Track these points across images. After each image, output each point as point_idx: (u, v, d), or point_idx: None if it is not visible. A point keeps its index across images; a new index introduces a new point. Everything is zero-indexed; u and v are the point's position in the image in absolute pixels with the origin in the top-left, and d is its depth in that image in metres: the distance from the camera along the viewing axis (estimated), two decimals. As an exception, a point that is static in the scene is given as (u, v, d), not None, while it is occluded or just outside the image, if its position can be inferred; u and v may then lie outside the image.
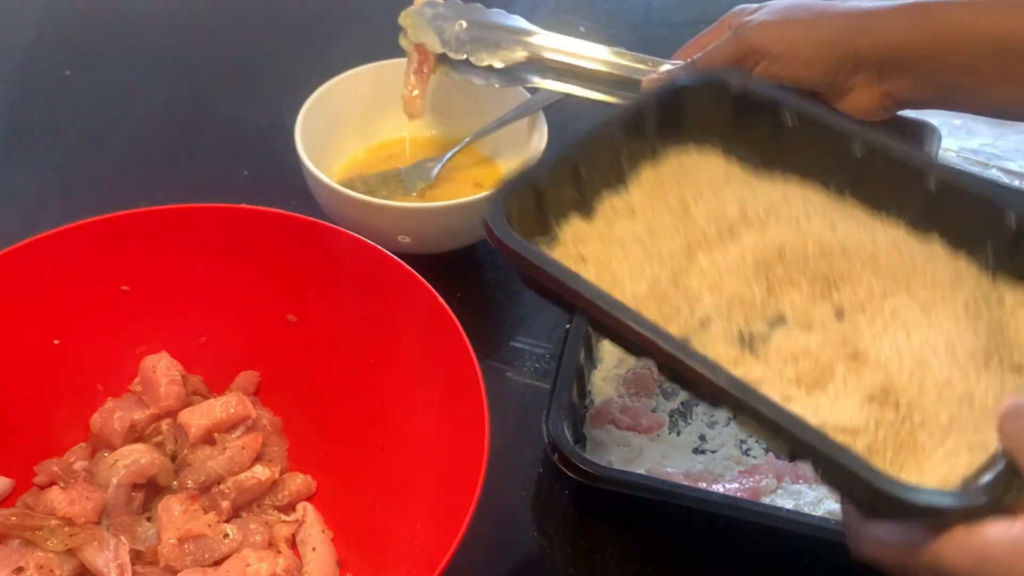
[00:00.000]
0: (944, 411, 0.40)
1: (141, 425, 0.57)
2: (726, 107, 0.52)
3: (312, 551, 0.54)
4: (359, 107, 0.79)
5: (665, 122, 0.52)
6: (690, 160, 0.53)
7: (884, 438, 0.39)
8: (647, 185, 0.51)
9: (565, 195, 0.49)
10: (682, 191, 0.51)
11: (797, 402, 0.41)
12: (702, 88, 0.53)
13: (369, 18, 1.07)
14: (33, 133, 0.88)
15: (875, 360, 0.42)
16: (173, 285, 0.60)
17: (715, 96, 0.52)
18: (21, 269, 0.55)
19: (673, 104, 0.52)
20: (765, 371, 0.43)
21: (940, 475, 0.38)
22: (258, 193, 0.71)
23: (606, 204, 0.50)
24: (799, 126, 0.51)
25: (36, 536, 0.51)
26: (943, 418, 0.40)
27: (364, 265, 0.57)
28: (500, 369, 0.68)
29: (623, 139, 0.51)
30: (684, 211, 0.50)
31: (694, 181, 0.51)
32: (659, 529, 0.59)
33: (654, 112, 0.52)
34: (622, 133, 0.51)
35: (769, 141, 0.51)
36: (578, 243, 0.49)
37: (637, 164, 0.52)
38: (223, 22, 1.05)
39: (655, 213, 0.50)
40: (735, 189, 0.51)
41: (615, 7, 1.14)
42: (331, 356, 0.60)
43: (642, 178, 0.52)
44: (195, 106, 0.92)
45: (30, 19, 1.02)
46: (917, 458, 0.39)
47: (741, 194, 0.50)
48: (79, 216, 0.57)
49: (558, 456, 0.56)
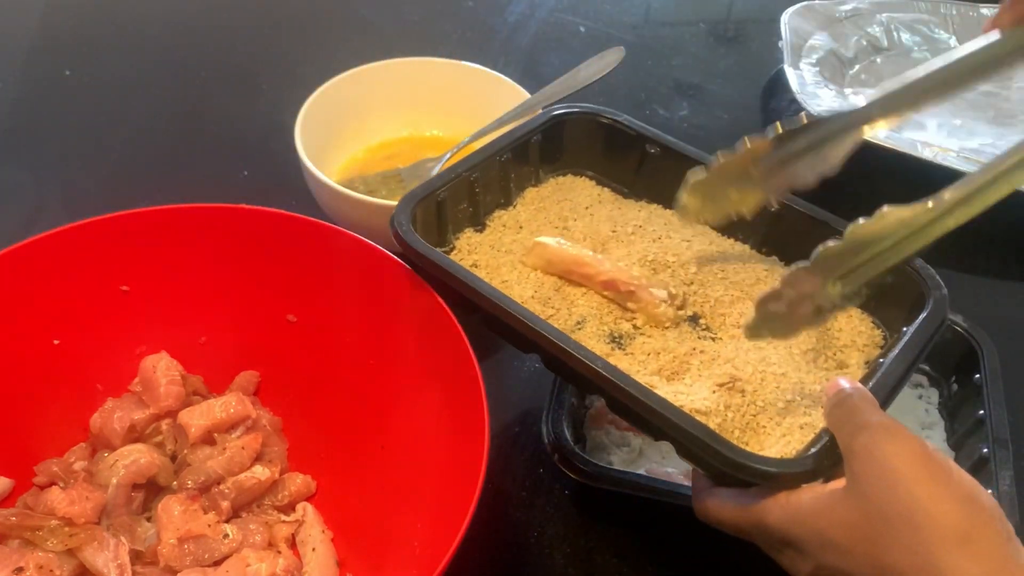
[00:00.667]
0: (780, 398, 0.48)
1: (141, 425, 0.57)
2: (599, 137, 0.61)
3: (312, 551, 0.54)
4: (359, 107, 0.79)
5: (547, 150, 0.61)
6: (568, 183, 0.62)
7: (733, 419, 0.47)
8: (532, 204, 0.60)
9: (461, 210, 0.58)
10: (562, 210, 0.60)
11: (660, 389, 0.48)
12: (578, 119, 0.61)
13: (369, 18, 1.07)
14: (33, 133, 0.88)
15: (724, 356, 0.50)
16: (173, 285, 0.60)
17: (589, 127, 0.61)
18: (21, 269, 0.55)
19: (554, 134, 0.60)
20: (631, 363, 0.51)
21: (777, 450, 0.46)
22: (258, 193, 0.71)
23: (496, 220, 0.59)
24: (660, 154, 0.59)
25: (36, 536, 0.51)
26: (780, 404, 0.48)
27: (364, 265, 0.57)
28: (500, 369, 0.68)
29: (512, 164, 0.59)
30: (564, 226, 0.59)
31: (572, 202, 0.60)
32: (659, 529, 0.59)
33: (538, 141, 0.60)
34: (511, 159, 0.59)
35: (635, 170, 0.60)
36: (472, 251, 0.58)
37: (523, 188, 0.61)
38: (223, 22, 1.05)
39: (539, 228, 0.58)
40: (607, 210, 0.60)
41: (615, 7, 1.14)
42: (331, 356, 0.60)
43: (527, 198, 0.61)
44: (195, 106, 0.93)
45: (30, 19, 1.02)
46: (759, 436, 0.47)
47: (611, 214, 0.59)
48: (79, 216, 0.57)
49: (558, 456, 0.56)
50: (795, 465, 0.43)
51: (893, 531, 0.37)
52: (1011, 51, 0.45)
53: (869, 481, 0.38)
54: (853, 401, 0.42)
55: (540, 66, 1.01)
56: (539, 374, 0.68)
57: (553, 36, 1.07)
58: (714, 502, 0.46)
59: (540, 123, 0.59)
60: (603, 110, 0.61)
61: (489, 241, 0.58)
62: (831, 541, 0.39)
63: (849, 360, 0.52)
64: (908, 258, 0.46)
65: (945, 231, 0.45)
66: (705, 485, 0.47)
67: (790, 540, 0.41)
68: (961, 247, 0.79)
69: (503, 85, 0.79)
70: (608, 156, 0.61)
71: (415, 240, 0.52)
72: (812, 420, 0.47)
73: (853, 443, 0.40)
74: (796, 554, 0.42)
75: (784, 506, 0.42)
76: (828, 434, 0.43)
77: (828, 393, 0.44)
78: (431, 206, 0.55)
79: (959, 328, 0.65)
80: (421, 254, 0.51)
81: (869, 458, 0.39)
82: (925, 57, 1.03)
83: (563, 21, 1.10)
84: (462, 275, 0.50)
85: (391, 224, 0.53)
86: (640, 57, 1.05)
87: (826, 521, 0.40)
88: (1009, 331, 0.70)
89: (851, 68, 1.00)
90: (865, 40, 1.03)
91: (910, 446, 0.39)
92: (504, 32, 1.07)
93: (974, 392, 0.62)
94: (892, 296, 0.54)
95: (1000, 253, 0.83)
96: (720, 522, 0.46)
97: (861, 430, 0.40)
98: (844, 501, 0.39)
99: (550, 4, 1.12)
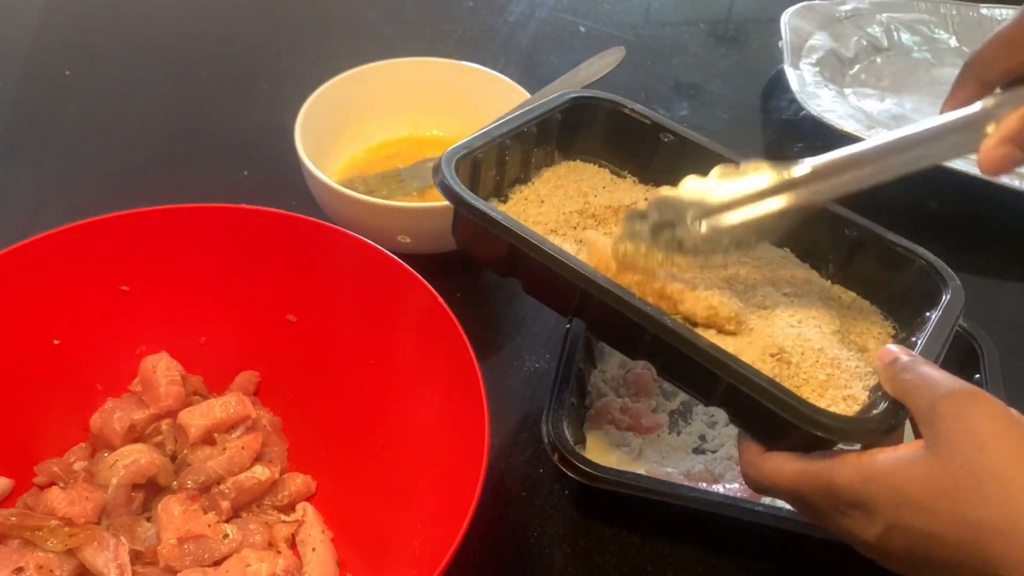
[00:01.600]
0: (821, 371, 0.48)
1: (141, 425, 0.57)
2: (614, 124, 0.61)
3: (312, 551, 0.54)
4: (359, 107, 0.79)
5: (564, 132, 0.61)
6: (581, 167, 0.63)
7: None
8: (550, 182, 0.61)
9: (490, 177, 0.57)
10: (580, 186, 0.60)
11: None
12: (595, 105, 0.61)
13: (369, 18, 1.07)
14: (33, 133, 0.88)
15: (764, 332, 0.50)
16: (173, 285, 0.60)
17: (606, 114, 0.61)
18: (21, 269, 0.55)
19: (572, 116, 0.61)
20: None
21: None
22: (258, 193, 0.71)
23: (517, 193, 0.60)
24: (674, 142, 0.60)
25: (36, 536, 0.51)
26: (821, 376, 0.48)
27: (364, 265, 0.57)
28: (500, 369, 0.68)
29: (535, 140, 0.59)
30: (585, 200, 0.59)
31: (589, 181, 0.61)
32: (659, 529, 0.59)
33: (558, 122, 0.60)
34: (536, 134, 0.59)
35: (649, 158, 0.61)
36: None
37: (540, 167, 0.61)
38: (223, 22, 1.05)
39: (560, 202, 0.59)
40: (625, 185, 0.61)
41: (615, 7, 1.14)
42: (331, 356, 0.60)
43: (544, 177, 0.61)
44: (195, 106, 0.93)
45: (30, 19, 1.02)
46: None
47: (630, 190, 0.61)
48: (79, 216, 0.57)
49: (558, 456, 0.56)
50: (871, 422, 0.43)
51: (982, 487, 0.37)
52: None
53: (956, 440, 0.38)
54: (924, 368, 0.42)
55: (540, 66, 1.01)
56: (539, 374, 0.68)
57: (553, 36, 1.07)
58: (772, 465, 0.45)
59: (560, 103, 0.60)
60: (619, 99, 0.61)
61: (514, 212, 0.58)
62: (910, 498, 0.39)
63: (868, 345, 0.52)
64: (769, 219, 0.48)
65: (800, 204, 0.48)
66: (757, 450, 0.46)
67: (861, 500, 0.41)
68: (961, 247, 0.79)
69: (503, 85, 0.79)
70: (622, 144, 0.61)
71: (464, 192, 0.50)
72: (854, 393, 0.47)
73: (937, 406, 0.40)
74: (864, 516, 0.41)
75: (857, 465, 0.41)
76: (884, 400, 0.44)
77: (884, 360, 0.44)
78: (468, 165, 0.54)
79: (959, 328, 0.65)
80: (472, 205, 0.50)
81: (956, 419, 0.39)
82: (925, 57, 1.03)
83: (563, 21, 1.10)
84: (517, 227, 0.49)
85: (439, 178, 0.52)
86: (640, 57, 1.05)
87: (904, 478, 0.39)
88: (1009, 331, 0.70)
89: (851, 68, 1.00)
90: (865, 40, 1.03)
91: (996, 408, 0.39)
92: (504, 32, 1.07)
93: (974, 392, 0.62)
94: (899, 291, 0.54)
95: (1000, 253, 0.83)
96: (775, 485, 0.45)
97: (943, 395, 0.40)
98: (927, 459, 0.39)
99: (550, 4, 1.12)
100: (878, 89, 0.98)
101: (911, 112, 0.95)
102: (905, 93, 0.98)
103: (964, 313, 0.65)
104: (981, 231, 0.85)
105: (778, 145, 0.94)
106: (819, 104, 0.88)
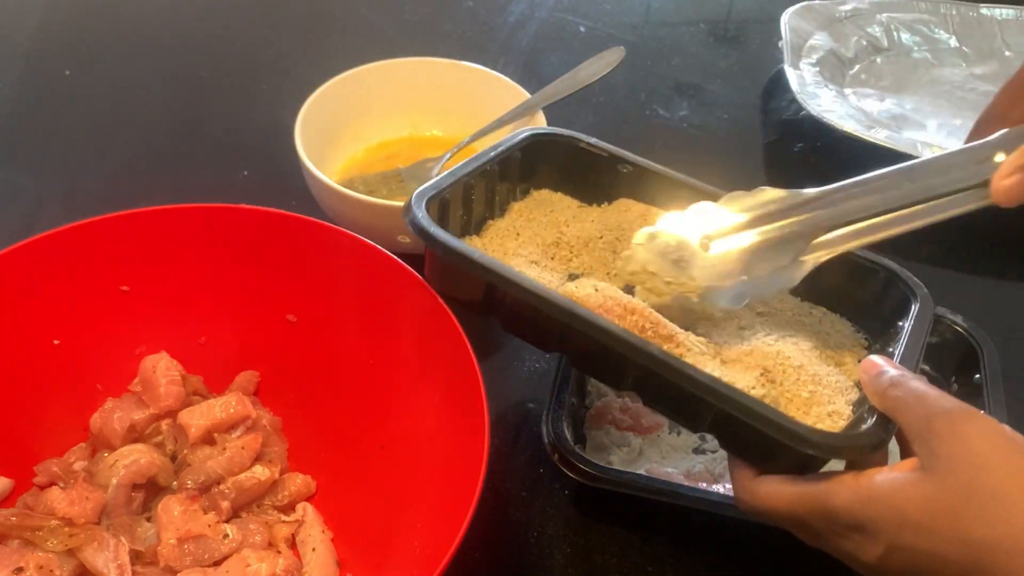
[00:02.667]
0: (804, 389, 0.48)
1: (141, 425, 0.57)
2: (572, 158, 0.62)
3: (312, 551, 0.54)
4: (359, 107, 0.79)
5: (525, 167, 0.62)
6: (547, 197, 0.63)
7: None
8: (520, 216, 0.61)
9: (457, 217, 0.57)
10: (553, 219, 0.61)
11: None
12: (552, 141, 0.62)
13: (369, 18, 1.08)
14: (33, 133, 0.88)
15: (743, 352, 0.51)
16: (173, 285, 0.60)
17: (563, 149, 0.62)
18: (21, 269, 0.55)
19: (531, 152, 0.61)
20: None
21: None
22: (258, 193, 0.71)
23: (492, 228, 0.60)
24: (632, 172, 0.61)
25: (36, 536, 0.51)
26: (804, 394, 0.48)
27: (364, 265, 0.57)
28: (500, 369, 0.68)
29: (498, 177, 0.60)
30: (560, 231, 0.60)
31: (559, 213, 0.61)
32: (659, 529, 0.59)
33: (517, 158, 0.61)
34: (498, 171, 0.59)
35: (609, 188, 0.62)
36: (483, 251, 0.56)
37: (507, 202, 0.62)
38: (223, 23, 1.05)
39: (535, 234, 0.59)
40: (594, 215, 0.62)
41: (615, 7, 1.14)
42: (331, 356, 0.60)
43: (513, 211, 0.62)
44: (195, 106, 0.93)
45: (30, 19, 1.02)
46: None
47: (599, 219, 0.61)
48: (79, 216, 0.57)
49: (558, 456, 0.56)
50: (861, 438, 0.43)
51: (983, 506, 0.37)
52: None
53: (955, 460, 0.38)
54: (913, 384, 0.42)
55: (540, 66, 1.01)
56: (539, 374, 0.68)
57: (553, 36, 1.07)
58: (766, 490, 0.45)
59: (518, 141, 0.61)
60: (576, 135, 0.62)
61: (493, 245, 0.58)
62: (910, 519, 0.39)
63: (844, 359, 0.53)
64: (776, 244, 0.49)
65: (806, 230, 0.49)
66: (750, 475, 0.46)
67: (860, 523, 0.40)
68: (961, 247, 0.79)
69: (503, 85, 0.79)
70: (582, 176, 0.62)
71: (438, 232, 0.50)
72: (838, 408, 0.47)
73: (932, 425, 0.40)
74: (864, 538, 0.41)
75: (855, 487, 0.41)
76: (870, 414, 0.44)
77: (869, 372, 0.44)
78: (436, 206, 0.54)
79: (959, 328, 0.65)
80: (448, 245, 0.49)
81: (952, 439, 0.39)
82: (925, 57, 1.03)
83: (563, 21, 1.10)
84: (495, 265, 0.49)
85: (409, 218, 0.51)
86: (640, 57, 1.05)
87: (903, 499, 0.39)
88: (1009, 331, 0.70)
89: (851, 68, 1.00)
90: (865, 40, 1.03)
91: (992, 427, 0.39)
92: (504, 32, 1.07)
93: (975, 392, 0.62)
94: (867, 303, 0.55)
95: (1000, 253, 0.83)
96: (772, 509, 0.44)
97: (937, 414, 0.40)
98: (925, 480, 0.39)
99: (550, 4, 1.12)
100: (878, 89, 0.98)
101: (911, 112, 0.95)
102: (905, 93, 0.98)
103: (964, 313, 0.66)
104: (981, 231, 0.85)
105: (778, 145, 0.94)
106: (819, 104, 0.88)
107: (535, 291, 0.47)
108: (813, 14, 1.02)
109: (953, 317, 0.65)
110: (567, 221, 0.61)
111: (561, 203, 0.63)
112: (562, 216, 0.61)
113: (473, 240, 0.59)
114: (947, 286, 0.53)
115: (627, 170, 0.61)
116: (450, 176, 0.56)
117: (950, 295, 0.65)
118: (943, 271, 0.51)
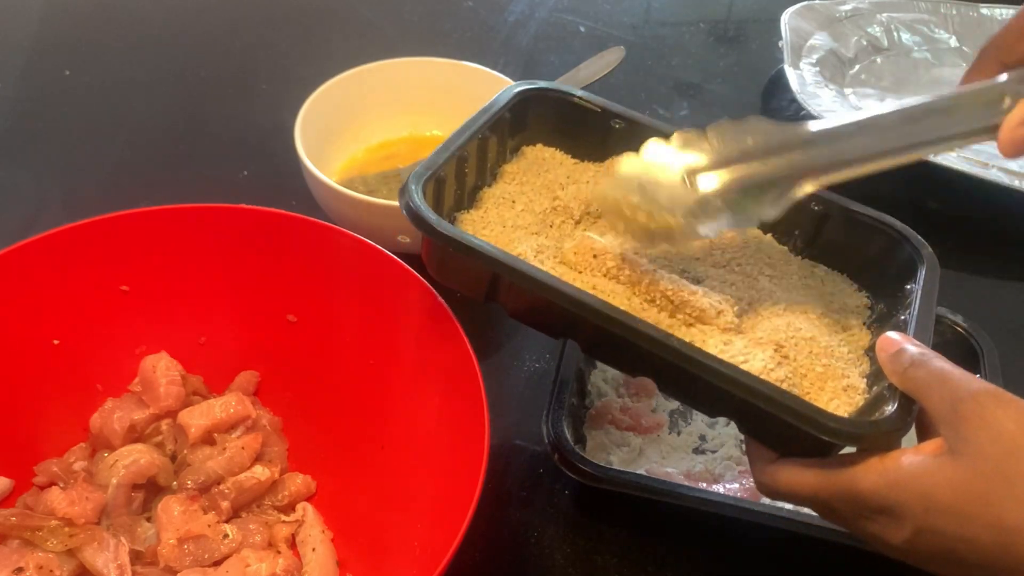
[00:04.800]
0: (817, 363, 0.47)
1: (141, 425, 0.57)
2: (564, 114, 0.60)
3: (312, 551, 0.54)
4: (359, 107, 0.79)
5: (516, 126, 0.60)
6: (538, 154, 0.61)
7: (788, 387, 0.45)
8: (513, 180, 0.59)
9: (451, 193, 0.55)
10: (545, 180, 0.59)
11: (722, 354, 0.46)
12: (542, 96, 0.60)
13: (369, 18, 1.07)
14: (33, 133, 0.88)
15: (755, 327, 0.49)
16: (173, 285, 0.60)
17: (554, 105, 0.60)
18: (21, 269, 0.55)
19: (521, 110, 0.59)
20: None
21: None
22: (258, 193, 0.71)
23: (486, 198, 0.58)
24: (626, 128, 0.59)
25: (36, 536, 0.51)
26: (818, 368, 0.47)
27: (364, 265, 0.57)
28: (500, 369, 0.68)
29: (489, 143, 0.58)
30: (555, 195, 0.57)
31: (553, 172, 0.59)
32: (659, 529, 0.59)
33: (507, 119, 0.59)
34: (490, 136, 0.58)
35: (601, 144, 0.60)
36: (480, 231, 0.54)
37: (498, 165, 0.60)
38: (223, 22, 1.05)
39: (532, 200, 0.57)
40: (587, 176, 0.59)
41: (615, 7, 1.14)
42: (331, 356, 0.60)
43: (505, 175, 0.59)
44: (195, 106, 0.93)
45: (30, 19, 1.02)
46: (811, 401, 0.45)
47: (594, 179, 0.59)
48: (79, 216, 0.57)
49: (558, 456, 0.56)
50: (886, 424, 0.42)
51: (1016, 492, 0.36)
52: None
53: (984, 444, 0.37)
54: (936, 364, 0.41)
55: (540, 66, 1.01)
56: (539, 374, 0.68)
57: (553, 36, 1.07)
58: (788, 472, 0.44)
59: (509, 99, 0.59)
60: (567, 88, 0.61)
61: (490, 217, 0.56)
62: (939, 503, 0.38)
63: (849, 323, 0.52)
64: (764, 181, 0.47)
65: (799, 169, 0.47)
66: (769, 457, 0.45)
67: (886, 506, 0.40)
68: (961, 247, 0.79)
69: (503, 85, 0.78)
70: (573, 133, 0.61)
71: (439, 222, 0.48)
72: (853, 382, 0.47)
73: (959, 408, 0.39)
74: (891, 521, 0.40)
75: (881, 471, 0.40)
76: (888, 392, 0.43)
77: (887, 350, 0.43)
78: (432, 186, 0.52)
79: (959, 328, 0.65)
80: (452, 237, 0.47)
81: (981, 423, 0.38)
82: (925, 57, 1.03)
83: (563, 21, 1.10)
84: (501, 255, 0.47)
85: (405, 205, 0.49)
86: (640, 57, 1.05)
87: (931, 483, 0.38)
88: (1009, 331, 0.70)
89: (851, 68, 1.00)
90: (865, 40, 1.03)
91: (1022, 410, 0.38)
92: (504, 32, 1.07)
93: (974, 392, 0.61)
94: (868, 261, 0.54)
95: (1000, 253, 0.83)
96: (795, 493, 0.44)
97: (963, 398, 0.39)
98: (954, 463, 0.38)
99: (550, 4, 1.12)
100: (878, 89, 0.98)
101: (911, 112, 0.95)
102: (905, 93, 0.98)
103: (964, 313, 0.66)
104: (981, 231, 0.85)
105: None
106: (819, 104, 0.88)
107: (545, 282, 0.46)
108: (813, 14, 1.02)
109: (953, 317, 0.65)
110: (562, 183, 0.58)
111: (554, 160, 0.61)
112: (557, 177, 0.59)
113: (470, 215, 0.56)
114: (947, 286, 0.53)
115: (620, 125, 0.59)
116: (443, 151, 0.54)
117: (950, 295, 0.65)
118: (943, 271, 0.51)
